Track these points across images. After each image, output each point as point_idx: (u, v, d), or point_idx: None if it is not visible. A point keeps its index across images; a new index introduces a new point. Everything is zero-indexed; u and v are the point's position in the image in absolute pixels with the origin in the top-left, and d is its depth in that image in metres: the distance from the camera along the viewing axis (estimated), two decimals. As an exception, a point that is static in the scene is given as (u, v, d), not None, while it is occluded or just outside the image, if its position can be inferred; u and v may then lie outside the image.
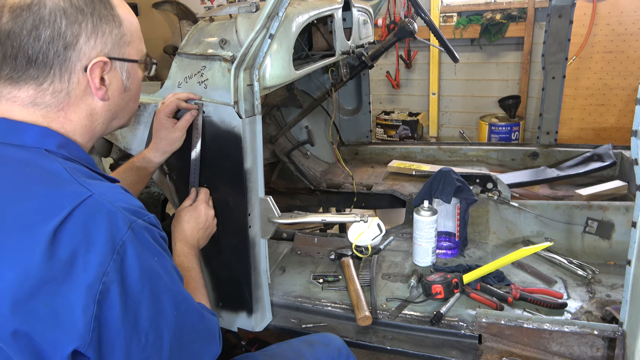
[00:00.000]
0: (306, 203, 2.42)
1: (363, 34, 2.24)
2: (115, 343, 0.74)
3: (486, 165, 2.51)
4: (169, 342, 0.80)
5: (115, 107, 0.93)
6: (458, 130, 4.58)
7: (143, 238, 0.78)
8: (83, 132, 0.89)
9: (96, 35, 0.85)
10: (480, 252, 1.80)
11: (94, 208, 0.74)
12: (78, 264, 0.71)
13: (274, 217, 1.40)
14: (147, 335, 0.77)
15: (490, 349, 1.33)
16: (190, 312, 0.88)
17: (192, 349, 0.87)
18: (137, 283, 0.75)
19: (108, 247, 0.72)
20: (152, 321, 0.78)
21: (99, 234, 0.72)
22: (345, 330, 1.48)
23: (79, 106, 0.87)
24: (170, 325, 0.81)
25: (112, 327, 0.73)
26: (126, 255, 0.74)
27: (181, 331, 0.84)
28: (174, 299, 0.82)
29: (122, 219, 0.75)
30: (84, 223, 0.72)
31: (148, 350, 0.78)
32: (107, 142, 1.67)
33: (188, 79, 1.38)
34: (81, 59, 0.84)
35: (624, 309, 1.16)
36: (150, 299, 0.77)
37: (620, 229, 1.69)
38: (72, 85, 0.84)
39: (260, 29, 1.26)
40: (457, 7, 4.20)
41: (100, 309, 0.72)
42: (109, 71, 0.88)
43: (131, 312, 0.75)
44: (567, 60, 2.32)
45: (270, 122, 2.46)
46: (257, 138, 1.36)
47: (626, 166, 2.16)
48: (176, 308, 0.82)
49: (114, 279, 0.72)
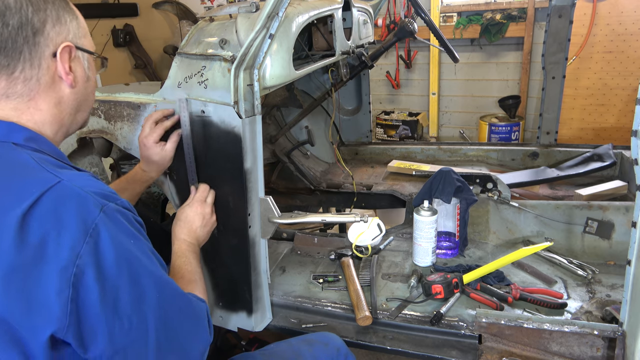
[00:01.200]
0: (306, 203, 2.42)
1: (363, 34, 2.24)
2: (96, 328, 0.74)
3: (486, 165, 2.51)
4: (154, 325, 0.80)
5: (80, 97, 0.95)
6: (458, 130, 4.58)
7: (117, 220, 0.78)
8: (52, 122, 0.91)
9: (60, 22, 0.88)
10: (480, 252, 1.80)
11: (63, 193, 0.74)
12: (49, 248, 0.71)
13: (274, 217, 1.40)
14: (130, 319, 0.76)
15: (490, 349, 1.33)
16: (175, 296, 0.87)
17: (180, 333, 0.86)
18: (113, 265, 0.75)
19: (80, 230, 0.72)
20: (133, 304, 0.77)
21: (69, 218, 0.72)
22: (345, 330, 1.48)
23: (48, 94, 0.89)
24: (153, 308, 0.80)
25: (91, 311, 0.73)
26: (100, 238, 0.74)
27: (166, 314, 0.83)
28: (156, 282, 0.82)
29: (92, 202, 0.75)
30: (53, 208, 0.73)
31: (132, 334, 0.77)
32: (107, 142, 1.67)
33: (188, 79, 1.38)
34: (49, 45, 0.86)
35: (624, 309, 1.16)
36: (129, 281, 0.77)
37: (620, 229, 1.69)
38: (42, 71, 0.86)
39: (260, 29, 1.26)
40: (457, 7, 4.20)
41: (76, 292, 0.72)
42: (74, 58, 0.91)
43: (110, 295, 0.74)
44: (567, 60, 2.32)
45: (270, 122, 2.46)
46: (257, 138, 1.36)
47: (626, 166, 2.16)
48: (159, 291, 0.81)
49: (89, 262, 0.72)
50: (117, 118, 1.53)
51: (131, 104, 1.49)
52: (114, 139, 1.56)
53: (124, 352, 0.77)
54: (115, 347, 0.76)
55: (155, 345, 0.80)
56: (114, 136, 1.55)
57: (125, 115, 1.51)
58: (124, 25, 4.64)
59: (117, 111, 1.53)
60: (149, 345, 0.79)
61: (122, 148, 1.57)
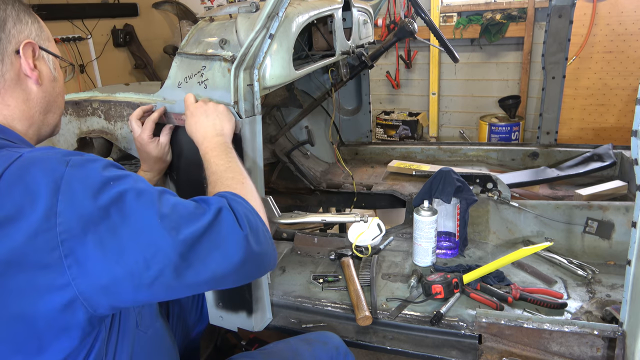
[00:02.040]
0: (306, 203, 2.42)
1: (363, 34, 2.24)
2: (112, 276, 0.73)
3: (486, 165, 2.51)
4: (171, 247, 0.75)
5: (48, 96, 0.96)
6: (458, 130, 4.58)
7: (88, 169, 0.76)
8: (22, 118, 0.92)
9: (20, 22, 0.90)
10: (480, 252, 1.80)
11: (25, 163, 0.74)
12: (27, 217, 0.70)
13: (274, 217, 1.40)
14: (142, 253, 0.74)
15: (490, 349, 1.33)
16: (180, 206, 0.80)
17: (203, 243, 0.79)
18: (97, 212, 0.73)
19: (50, 189, 0.71)
20: (137, 238, 0.74)
21: (37, 182, 0.72)
22: (345, 330, 1.48)
23: (15, 90, 0.90)
24: (159, 234, 0.75)
25: (97, 263, 0.72)
26: (73, 190, 0.72)
27: (177, 234, 0.76)
28: (155, 209, 0.77)
29: (56, 161, 0.74)
30: (19, 177, 0.72)
31: (153, 266, 0.74)
32: (107, 142, 1.67)
33: (188, 79, 1.38)
34: (11, 41, 0.88)
35: (624, 309, 1.16)
36: (122, 219, 0.74)
37: (620, 229, 1.69)
38: (6, 67, 0.88)
39: (260, 29, 1.26)
40: (457, 7, 4.20)
41: (69, 248, 0.71)
42: (38, 57, 0.93)
43: (108, 239, 0.73)
44: (567, 60, 2.32)
45: (270, 122, 2.46)
46: (257, 138, 1.36)
47: (626, 166, 2.16)
48: (158, 216, 0.76)
49: (70, 217, 0.71)
50: (117, 118, 1.53)
51: (131, 104, 1.49)
52: (114, 139, 1.56)
53: (160, 282, 0.75)
54: (144, 282, 0.74)
55: (185, 264, 0.76)
56: (114, 136, 1.55)
57: (125, 115, 1.51)
58: (124, 25, 4.65)
59: (117, 111, 1.53)
60: (179, 267, 0.76)
61: (122, 148, 1.57)
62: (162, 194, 0.81)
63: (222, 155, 1.11)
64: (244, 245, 0.82)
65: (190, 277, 0.78)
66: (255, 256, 0.84)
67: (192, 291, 0.81)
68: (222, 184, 1.02)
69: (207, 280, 0.80)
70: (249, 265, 0.84)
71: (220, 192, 0.93)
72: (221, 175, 1.05)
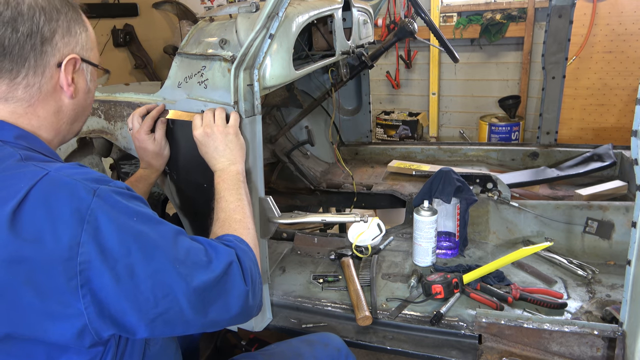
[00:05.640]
0: (306, 203, 2.42)
1: (363, 34, 2.24)
2: (122, 308, 0.75)
3: (486, 165, 2.51)
4: (182, 292, 0.79)
5: (79, 108, 0.95)
6: (458, 130, 4.58)
7: (113, 201, 0.77)
8: (49, 128, 0.91)
9: (69, 34, 0.89)
10: (480, 252, 1.80)
11: (51, 184, 0.74)
12: (47, 242, 0.71)
13: (274, 217, 1.40)
14: (154, 293, 0.77)
15: (490, 349, 1.33)
16: (193, 253, 0.84)
17: (212, 291, 0.84)
18: (118, 246, 0.74)
19: (75, 219, 0.72)
20: (153, 278, 0.77)
21: (62, 208, 0.72)
22: (345, 330, 1.48)
23: (48, 102, 0.89)
24: (174, 277, 0.79)
25: (109, 293, 0.73)
26: (99, 223, 0.73)
27: (191, 279, 0.81)
28: (168, 253, 0.80)
29: (83, 189, 0.75)
30: (44, 200, 0.72)
31: (161, 305, 0.78)
32: (107, 142, 1.67)
33: (188, 79, 1.38)
34: (55, 55, 0.87)
35: (624, 309, 1.16)
36: (142, 258, 0.76)
37: (620, 229, 1.69)
38: (45, 80, 0.87)
39: (260, 29, 1.26)
40: (457, 7, 4.20)
41: (86, 278, 0.72)
42: (77, 70, 0.91)
43: (124, 276, 0.75)
44: (567, 60, 2.32)
45: (270, 122, 2.46)
46: (257, 138, 1.36)
47: (626, 166, 2.16)
48: (174, 259, 0.80)
49: (92, 248, 0.72)
50: (117, 118, 1.53)
51: (131, 104, 1.50)
52: (114, 139, 1.56)
53: (162, 318, 0.78)
54: (149, 317, 0.77)
55: (190, 309, 0.80)
56: (114, 136, 1.55)
57: (125, 115, 1.51)
58: (124, 25, 4.65)
59: (117, 111, 1.53)
60: (184, 311, 0.80)
61: (122, 148, 1.57)
62: (177, 235, 0.84)
63: (232, 191, 1.16)
64: (243, 300, 0.89)
65: (190, 318, 0.82)
66: (249, 309, 0.91)
67: (185, 331, 0.85)
68: (230, 226, 1.07)
69: (203, 324, 0.85)
70: (241, 317, 0.91)
71: (229, 238, 0.99)
72: (229, 215, 1.10)
